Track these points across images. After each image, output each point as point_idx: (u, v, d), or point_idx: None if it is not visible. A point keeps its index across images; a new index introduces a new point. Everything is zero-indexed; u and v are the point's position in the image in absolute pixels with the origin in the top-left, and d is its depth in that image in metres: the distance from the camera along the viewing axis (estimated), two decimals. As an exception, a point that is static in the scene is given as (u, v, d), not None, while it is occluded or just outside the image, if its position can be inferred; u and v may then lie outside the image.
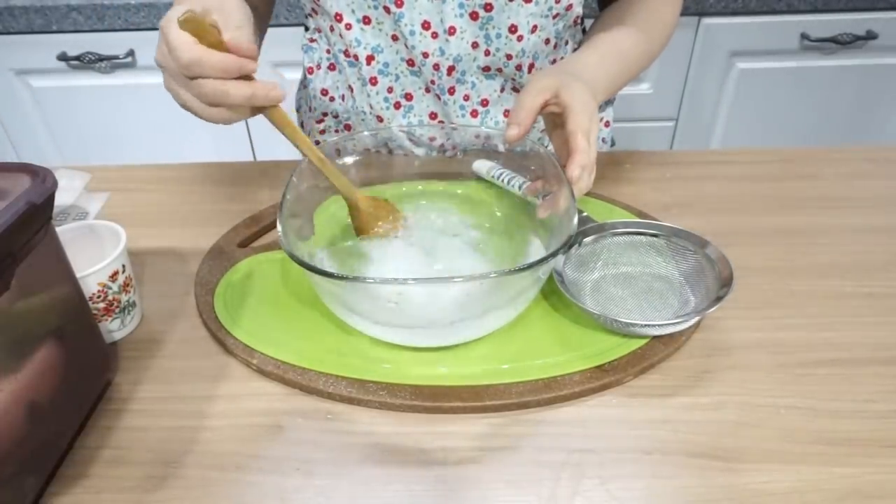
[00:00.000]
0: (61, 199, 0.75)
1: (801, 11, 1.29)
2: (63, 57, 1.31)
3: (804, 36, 1.31)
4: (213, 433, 0.50)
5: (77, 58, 1.31)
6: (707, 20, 1.30)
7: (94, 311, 0.54)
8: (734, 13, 1.29)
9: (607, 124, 0.87)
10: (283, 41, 1.21)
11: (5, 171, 0.44)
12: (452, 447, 0.48)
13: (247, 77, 0.49)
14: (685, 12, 1.28)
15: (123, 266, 0.56)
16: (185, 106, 0.51)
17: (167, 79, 0.51)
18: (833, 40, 1.31)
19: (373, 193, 0.66)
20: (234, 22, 0.50)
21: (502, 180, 0.63)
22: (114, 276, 0.55)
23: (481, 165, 0.66)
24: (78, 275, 0.50)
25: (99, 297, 0.54)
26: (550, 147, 0.61)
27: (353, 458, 0.48)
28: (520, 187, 0.62)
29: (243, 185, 0.79)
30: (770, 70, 1.37)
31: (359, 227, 0.61)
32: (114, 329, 0.57)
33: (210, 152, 1.45)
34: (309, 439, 0.49)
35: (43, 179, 0.43)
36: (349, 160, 0.66)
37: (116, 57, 1.31)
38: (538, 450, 0.48)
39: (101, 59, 1.31)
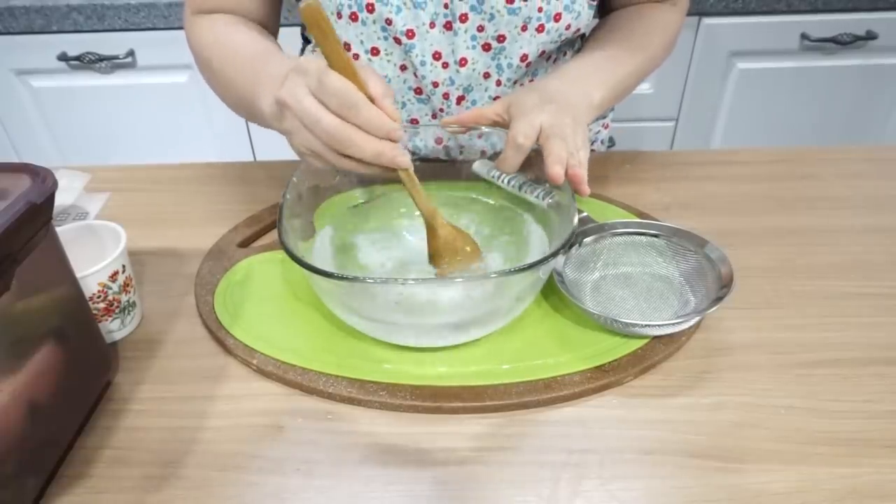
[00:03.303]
0: (61, 199, 0.75)
1: (801, 11, 1.29)
2: (63, 57, 1.31)
3: (804, 36, 1.31)
4: (214, 433, 0.50)
5: (77, 58, 1.31)
6: (707, 20, 1.30)
7: (94, 311, 0.54)
8: (734, 13, 1.29)
9: (606, 126, 0.87)
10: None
11: (5, 171, 0.44)
12: (452, 447, 0.48)
13: None
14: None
15: (123, 266, 0.56)
16: (307, 147, 0.49)
17: (290, 119, 0.49)
18: (833, 40, 1.31)
19: (374, 195, 0.66)
20: (380, 86, 0.48)
21: (502, 180, 0.63)
22: (114, 277, 0.55)
23: (481, 166, 0.66)
24: (78, 275, 0.50)
25: (99, 297, 0.54)
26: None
27: (353, 458, 0.48)
28: (520, 187, 0.62)
29: (243, 185, 0.79)
30: (770, 70, 1.37)
31: (434, 255, 0.59)
32: (114, 329, 0.57)
33: (210, 152, 1.45)
34: (309, 439, 0.49)
35: (43, 179, 0.43)
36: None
37: (116, 57, 1.31)
38: (538, 450, 0.48)
39: (101, 59, 1.31)
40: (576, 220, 0.53)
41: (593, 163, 0.58)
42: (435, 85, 0.70)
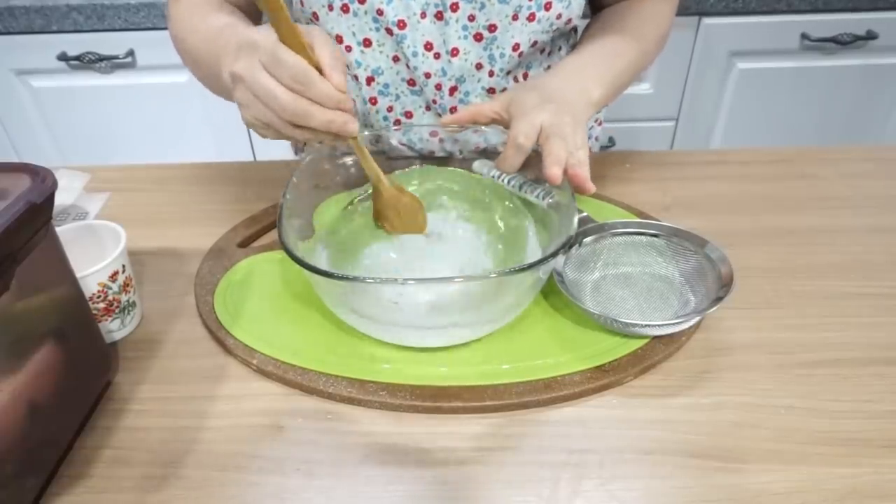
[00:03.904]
0: (61, 199, 0.75)
1: (801, 11, 1.29)
2: (63, 57, 1.31)
3: (804, 36, 1.31)
4: (214, 433, 0.50)
5: (77, 58, 1.31)
6: (707, 20, 1.30)
7: (94, 311, 0.54)
8: (734, 13, 1.29)
9: (600, 123, 0.87)
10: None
11: (5, 171, 0.44)
12: (452, 447, 0.48)
13: None
14: (685, 12, 1.28)
15: (123, 266, 0.56)
16: (258, 119, 0.51)
17: (243, 92, 0.50)
18: (833, 40, 1.31)
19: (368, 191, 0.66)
20: (329, 56, 0.49)
21: (502, 180, 0.63)
22: (114, 277, 0.55)
23: (481, 166, 0.66)
24: (78, 275, 0.50)
25: (99, 297, 0.54)
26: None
27: (353, 458, 0.48)
28: (520, 187, 0.62)
29: (243, 185, 0.79)
30: (770, 70, 1.37)
31: (377, 214, 0.61)
32: (114, 329, 0.57)
33: (210, 152, 1.45)
34: (309, 439, 0.49)
35: (43, 179, 0.44)
36: (349, 160, 0.66)
37: (116, 57, 1.31)
38: (538, 450, 0.48)
39: (101, 59, 1.31)
40: (576, 220, 0.53)
41: (592, 162, 0.58)
42: (427, 76, 0.70)
